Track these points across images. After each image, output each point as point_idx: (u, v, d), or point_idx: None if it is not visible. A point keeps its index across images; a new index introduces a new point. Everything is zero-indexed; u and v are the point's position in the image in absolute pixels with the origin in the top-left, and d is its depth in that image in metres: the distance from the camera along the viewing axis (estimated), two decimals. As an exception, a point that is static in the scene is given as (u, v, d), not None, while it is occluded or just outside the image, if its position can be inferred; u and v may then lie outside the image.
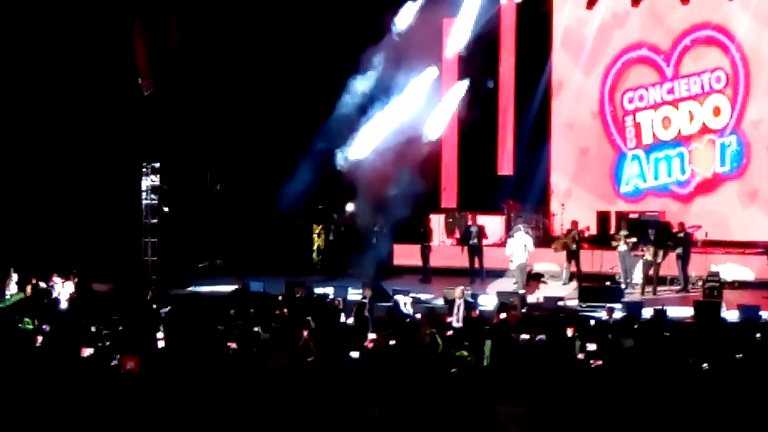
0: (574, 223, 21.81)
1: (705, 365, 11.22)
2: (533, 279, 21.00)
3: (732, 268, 21.37)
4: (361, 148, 23.89)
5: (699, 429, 8.64)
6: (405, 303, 17.62)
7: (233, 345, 12.92)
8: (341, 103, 23.87)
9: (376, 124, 23.88)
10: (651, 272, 20.43)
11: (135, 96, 23.76)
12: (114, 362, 10.90)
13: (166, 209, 23.98)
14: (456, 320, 16.70)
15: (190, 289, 21.52)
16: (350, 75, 23.81)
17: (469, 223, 23.35)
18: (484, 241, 22.73)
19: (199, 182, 25.70)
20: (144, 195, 23.88)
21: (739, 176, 23.87)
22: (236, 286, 19.09)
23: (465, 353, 12.47)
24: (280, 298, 18.20)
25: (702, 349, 12.59)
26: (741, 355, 11.80)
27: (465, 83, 24.92)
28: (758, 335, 14.24)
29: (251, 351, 12.76)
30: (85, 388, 9.19)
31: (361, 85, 23.82)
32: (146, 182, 23.86)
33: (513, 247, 20.59)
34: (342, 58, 23.83)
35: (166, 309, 16.15)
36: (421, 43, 23.77)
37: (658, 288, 20.47)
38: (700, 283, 20.17)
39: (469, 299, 17.40)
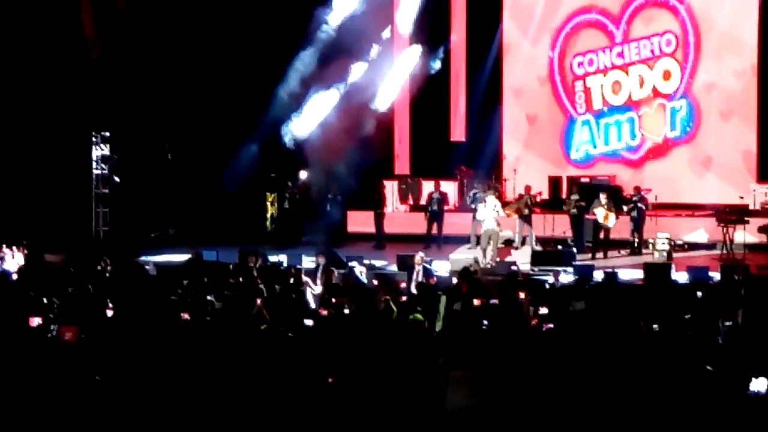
0: (527, 188, 21.91)
1: (655, 326, 11.37)
2: (504, 245, 21.03)
3: (682, 231, 21.62)
4: (314, 116, 23.77)
5: (649, 388, 8.76)
6: (361, 272, 17.60)
7: (186, 315, 12.86)
8: (293, 69, 23.71)
9: (329, 91, 23.76)
10: (602, 236, 20.59)
11: (83, 63, 23.43)
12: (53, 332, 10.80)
13: (116, 179, 23.76)
14: (413, 286, 16.75)
15: (142, 258, 21.34)
16: (302, 40, 23.62)
17: (432, 189, 23.41)
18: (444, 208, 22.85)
19: (150, 151, 25.45)
20: (94, 165, 23.65)
21: (689, 141, 24.10)
22: (189, 256, 18.99)
23: (419, 317, 12.52)
24: (232, 266, 18.14)
25: (652, 310, 12.76)
26: (689, 316, 11.98)
27: (417, 49, 24.85)
28: (699, 293, 14.49)
29: (204, 320, 12.73)
30: (30, 358, 9.12)
31: (314, 51, 23.65)
32: (96, 152, 23.61)
33: (485, 213, 20.03)
34: (293, 22, 23.64)
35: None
36: (373, 9, 23.65)
37: (609, 251, 20.63)
38: (651, 245, 20.36)
39: (427, 266, 17.43)
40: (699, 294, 14.54)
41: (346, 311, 13.40)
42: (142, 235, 24.30)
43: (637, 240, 20.77)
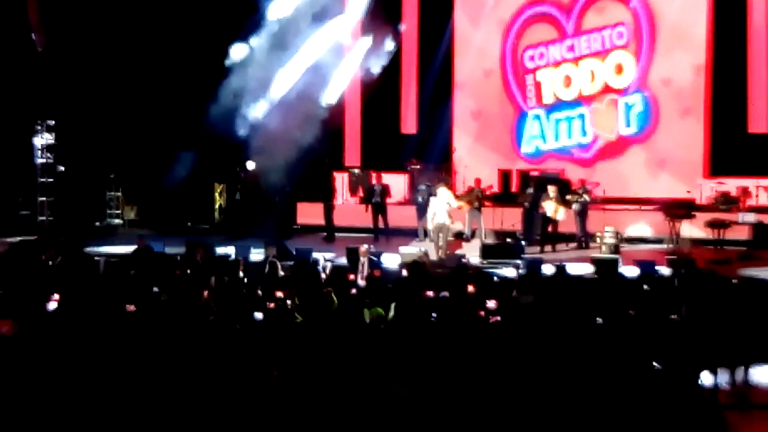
0: (477, 181, 21.92)
1: (599, 320, 11.42)
2: (456, 238, 21.00)
3: (629, 225, 21.73)
4: (263, 106, 23.56)
5: (595, 381, 8.77)
6: (324, 267, 17.48)
7: (131, 307, 12.70)
8: (241, 59, 23.45)
9: (278, 81, 23.56)
10: (550, 229, 20.63)
11: (28, 51, 23.08)
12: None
13: (61, 168, 23.43)
14: (360, 278, 16.75)
15: (88, 249, 21.04)
16: (251, 28, 23.38)
17: (374, 182, 23.31)
18: (388, 200, 22.74)
19: (96, 140, 25.10)
20: (39, 153, 23.31)
21: (644, 138, 24.06)
22: (136, 246, 18.74)
23: (380, 310, 12.44)
24: (179, 258, 17.96)
25: (600, 304, 12.81)
26: (634, 311, 12.03)
27: (368, 39, 24.72)
28: (645, 287, 14.58)
29: (150, 312, 12.57)
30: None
31: (262, 39, 23.43)
32: (40, 140, 23.25)
33: (436, 205, 19.81)
34: (242, 11, 23.42)
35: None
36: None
37: (557, 244, 20.66)
38: (599, 239, 20.44)
39: (373, 257, 17.37)
40: (646, 287, 14.64)
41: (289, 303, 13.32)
42: (88, 224, 24.01)
43: (582, 234, 20.82)
